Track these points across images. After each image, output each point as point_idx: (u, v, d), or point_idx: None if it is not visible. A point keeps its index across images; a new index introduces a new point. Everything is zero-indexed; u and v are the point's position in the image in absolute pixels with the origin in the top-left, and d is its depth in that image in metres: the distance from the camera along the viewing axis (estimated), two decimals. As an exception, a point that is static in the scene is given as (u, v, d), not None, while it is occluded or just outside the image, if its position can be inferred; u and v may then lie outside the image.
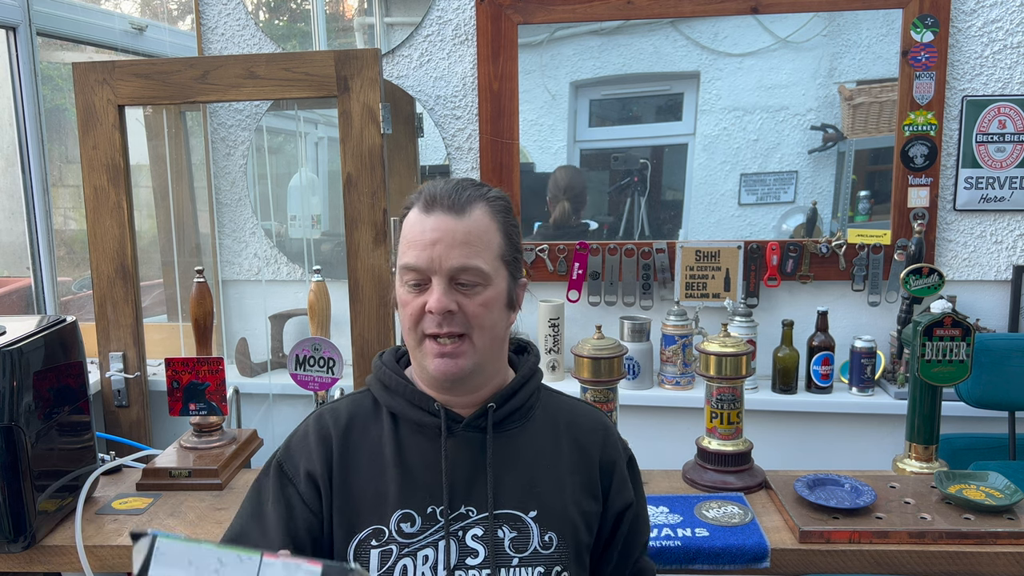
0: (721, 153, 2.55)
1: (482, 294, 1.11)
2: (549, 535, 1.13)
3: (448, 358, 1.10)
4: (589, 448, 1.21)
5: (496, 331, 1.15)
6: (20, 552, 1.53)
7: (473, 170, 2.53)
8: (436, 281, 1.09)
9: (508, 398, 1.18)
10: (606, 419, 1.28)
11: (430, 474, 1.13)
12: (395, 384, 1.18)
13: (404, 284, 1.12)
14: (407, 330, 1.13)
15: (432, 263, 1.09)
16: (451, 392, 1.16)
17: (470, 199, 1.12)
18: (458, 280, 1.10)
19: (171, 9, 2.99)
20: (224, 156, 2.63)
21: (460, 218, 1.11)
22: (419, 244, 1.10)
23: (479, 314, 1.11)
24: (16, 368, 1.48)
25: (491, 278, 1.12)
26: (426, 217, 1.11)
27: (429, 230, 1.10)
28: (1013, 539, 1.46)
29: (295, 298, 2.67)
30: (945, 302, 1.74)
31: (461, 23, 2.46)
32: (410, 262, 1.10)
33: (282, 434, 2.32)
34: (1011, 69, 2.32)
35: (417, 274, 1.10)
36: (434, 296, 1.09)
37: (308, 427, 1.21)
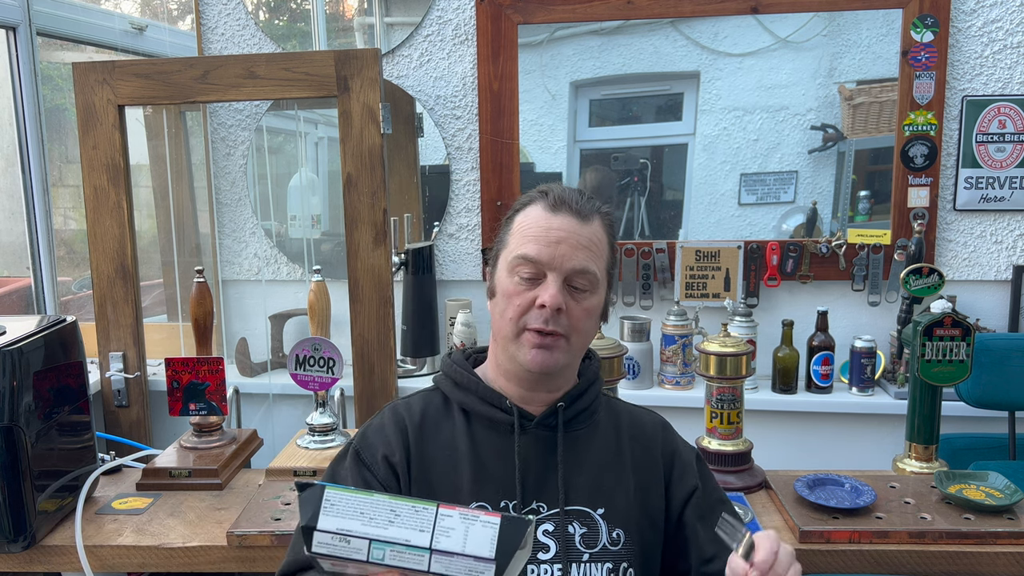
0: (721, 153, 2.55)
1: (588, 300, 1.15)
2: (617, 532, 1.16)
3: (545, 350, 1.13)
4: (650, 447, 1.25)
5: (588, 337, 1.20)
6: (20, 552, 1.53)
7: (473, 170, 2.53)
8: (552, 277, 1.13)
9: (576, 399, 1.21)
10: (665, 420, 1.32)
11: (503, 469, 1.16)
12: (467, 381, 1.21)
13: (514, 275, 1.15)
14: (508, 320, 1.15)
15: (554, 259, 1.12)
16: (530, 388, 1.19)
17: (592, 209, 1.17)
18: (572, 282, 1.14)
19: (171, 9, 2.99)
20: (224, 156, 2.63)
21: (584, 224, 1.16)
22: (543, 239, 1.13)
23: (582, 318, 1.15)
24: (16, 368, 1.48)
25: (599, 286, 1.17)
26: (552, 215, 1.15)
27: (555, 228, 1.14)
28: (1013, 539, 1.46)
29: (295, 298, 2.67)
30: (945, 302, 1.74)
31: (461, 23, 2.46)
32: (531, 254, 1.13)
33: (282, 434, 2.34)
34: (1011, 69, 2.32)
35: (534, 267, 1.13)
36: (550, 291, 1.12)
37: (384, 418, 1.23)
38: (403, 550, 0.83)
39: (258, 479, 1.82)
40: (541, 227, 1.15)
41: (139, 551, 1.54)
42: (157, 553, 1.53)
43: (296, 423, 2.46)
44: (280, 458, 1.85)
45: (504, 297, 1.16)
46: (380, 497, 0.85)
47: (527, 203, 1.20)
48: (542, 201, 1.17)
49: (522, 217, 1.18)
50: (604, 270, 1.18)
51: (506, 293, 1.16)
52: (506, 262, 1.17)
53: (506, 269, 1.17)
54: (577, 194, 1.18)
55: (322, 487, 0.86)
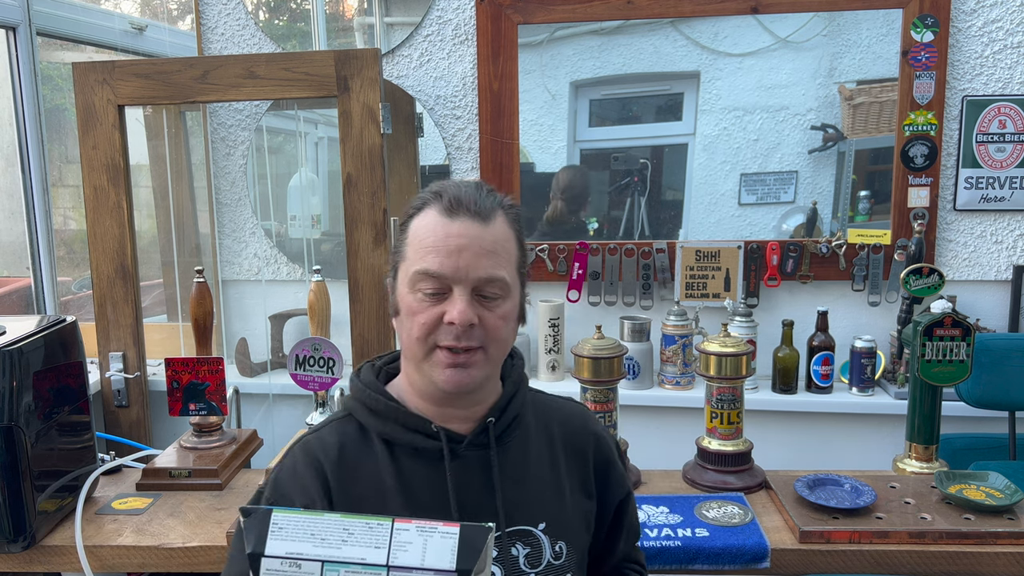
0: (721, 153, 2.55)
1: (502, 306, 1.05)
2: (559, 545, 1.11)
3: (461, 368, 1.03)
4: (583, 448, 1.19)
5: (508, 344, 1.10)
6: (20, 552, 1.53)
7: (473, 170, 2.53)
8: (459, 291, 1.02)
9: (504, 410, 1.12)
10: (590, 414, 1.27)
11: (436, 499, 1.06)
12: (384, 408, 1.09)
13: (416, 291, 1.04)
14: (415, 339, 1.05)
15: (458, 272, 1.02)
16: (452, 406, 1.09)
17: (492, 206, 1.06)
18: (482, 291, 1.03)
19: (171, 9, 2.99)
20: (224, 156, 2.63)
21: (486, 226, 1.04)
22: (442, 250, 1.02)
23: (498, 327, 1.05)
24: (16, 368, 1.48)
25: (512, 290, 1.07)
26: (450, 221, 1.03)
27: (455, 235, 1.02)
28: (1013, 539, 1.46)
29: (295, 298, 2.67)
30: (945, 302, 1.74)
31: (461, 23, 2.46)
32: (431, 268, 1.02)
33: (282, 434, 2.33)
34: (1011, 69, 2.32)
35: (437, 282, 1.02)
36: (457, 307, 1.01)
37: (296, 459, 1.09)
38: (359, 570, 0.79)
39: (258, 479, 1.82)
40: (439, 236, 1.02)
41: (139, 551, 1.54)
42: (157, 553, 1.53)
43: (296, 423, 2.46)
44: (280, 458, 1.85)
45: (408, 315, 1.05)
46: (332, 516, 0.81)
47: (420, 207, 1.07)
48: (436, 204, 1.05)
49: (417, 224, 1.06)
50: (515, 271, 1.07)
51: (410, 311, 1.04)
52: (406, 277, 1.05)
53: (407, 285, 1.05)
54: (474, 191, 1.06)
55: (268, 510, 0.81)
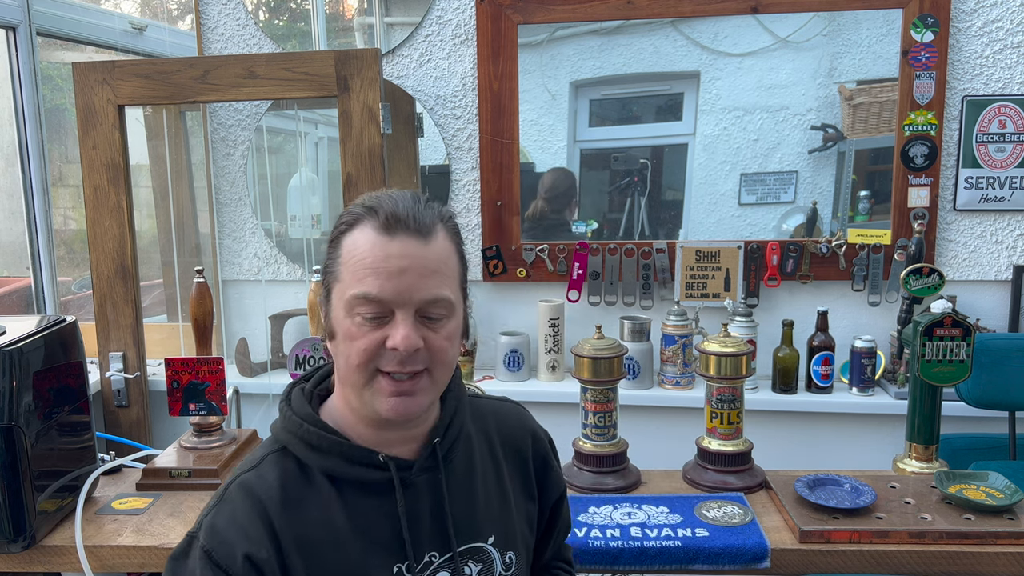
0: (721, 153, 2.55)
1: (447, 326, 0.99)
2: (509, 555, 1.10)
3: (406, 396, 0.98)
4: (522, 449, 1.17)
5: (452, 365, 1.04)
6: (20, 552, 1.53)
7: (473, 170, 2.53)
8: (402, 315, 0.95)
9: (448, 426, 1.07)
10: (527, 414, 1.23)
11: (388, 530, 1.01)
12: (325, 443, 1.01)
13: (354, 315, 0.96)
14: (354, 367, 0.97)
15: (400, 295, 0.95)
16: (395, 429, 1.03)
17: (432, 220, 0.99)
18: (426, 313, 0.97)
19: (171, 9, 2.99)
20: (224, 156, 2.63)
21: (428, 243, 0.97)
22: (382, 272, 0.95)
23: (444, 348, 0.99)
24: (16, 368, 1.48)
25: (455, 308, 1.00)
26: (389, 240, 0.96)
27: (395, 255, 0.95)
28: (1013, 539, 1.46)
29: (295, 298, 2.67)
30: (945, 302, 1.74)
31: (461, 23, 2.46)
32: (371, 292, 0.95)
33: (282, 434, 2.33)
34: (1011, 69, 2.32)
35: (378, 306, 0.95)
36: (401, 332, 0.95)
37: (234, 503, 0.99)
38: None
39: (258, 479, 1.82)
40: (377, 257, 0.95)
41: (139, 551, 1.54)
42: (157, 553, 1.53)
43: (296, 423, 2.45)
44: (280, 458, 1.85)
45: (346, 340, 0.97)
46: None
47: (353, 223, 0.98)
48: (372, 220, 0.97)
49: (351, 242, 0.98)
50: (458, 288, 1.01)
51: (348, 335, 0.97)
52: (341, 300, 0.97)
53: (343, 309, 0.97)
54: (411, 204, 0.98)
55: None
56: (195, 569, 0.96)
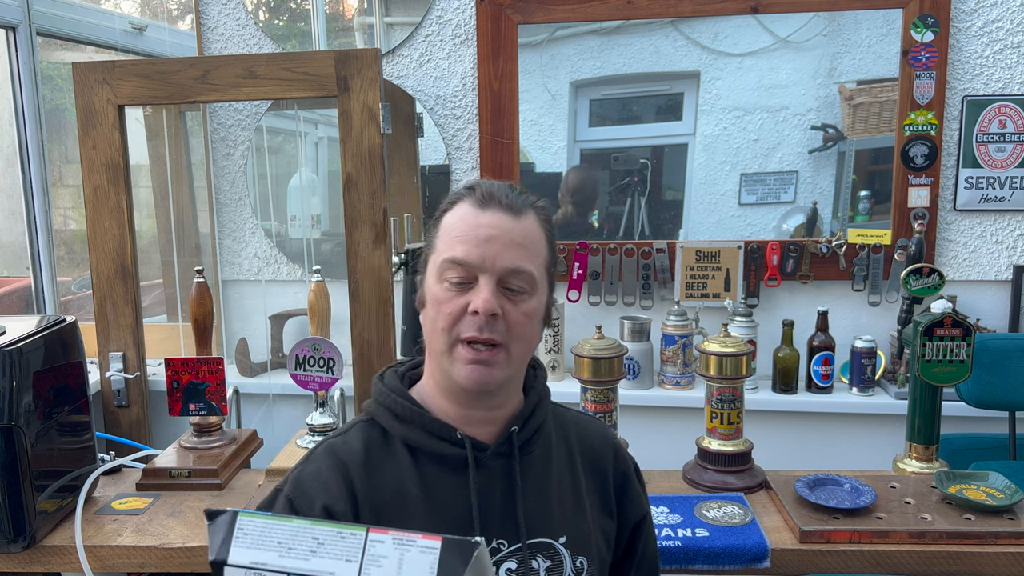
0: (721, 153, 2.55)
1: (527, 303, 1.04)
2: (580, 560, 1.09)
3: (482, 366, 1.01)
4: (603, 465, 1.17)
5: (531, 345, 1.08)
6: (20, 552, 1.53)
7: (473, 170, 2.53)
8: (484, 280, 1.01)
9: (527, 419, 1.11)
10: (611, 432, 1.25)
11: (458, 508, 1.04)
12: (408, 413, 1.08)
13: (443, 281, 1.04)
14: (439, 331, 1.04)
15: (484, 260, 1.01)
16: (475, 407, 1.07)
17: (524, 203, 1.07)
18: (507, 284, 1.02)
19: (171, 9, 2.99)
20: (224, 156, 2.63)
21: (517, 219, 1.04)
22: (471, 239, 1.02)
23: (521, 323, 1.03)
24: (16, 368, 1.48)
25: (538, 287, 1.05)
26: (480, 212, 1.04)
27: (484, 225, 1.03)
28: (1013, 539, 1.46)
29: (295, 298, 2.67)
30: (945, 302, 1.74)
31: (461, 23, 2.46)
32: (458, 256, 1.02)
33: (282, 434, 2.33)
34: (1011, 69, 2.32)
35: (464, 271, 1.02)
36: (482, 296, 1.00)
37: (319, 462, 1.07)
38: None
39: (258, 479, 1.82)
40: (469, 225, 1.03)
41: (139, 551, 1.54)
42: (157, 553, 1.53)
43: (296, 423, 2.45)
44: (280, 458, 1.85)
45: (434, 305, 1.05)
46: (301, 523, 0.75)
47: (454, 202, 1.08)
48: (469, 198, 1.06)
49: (449, 217, 1.07)
50: (542, 269, 1.06)
51: (436, 301, 1.04)
52: (435, 267, 1.06)
53: (434, 275, 1.05)
54: (507, 188, 1.07)
55: (234, 513, 0.76)
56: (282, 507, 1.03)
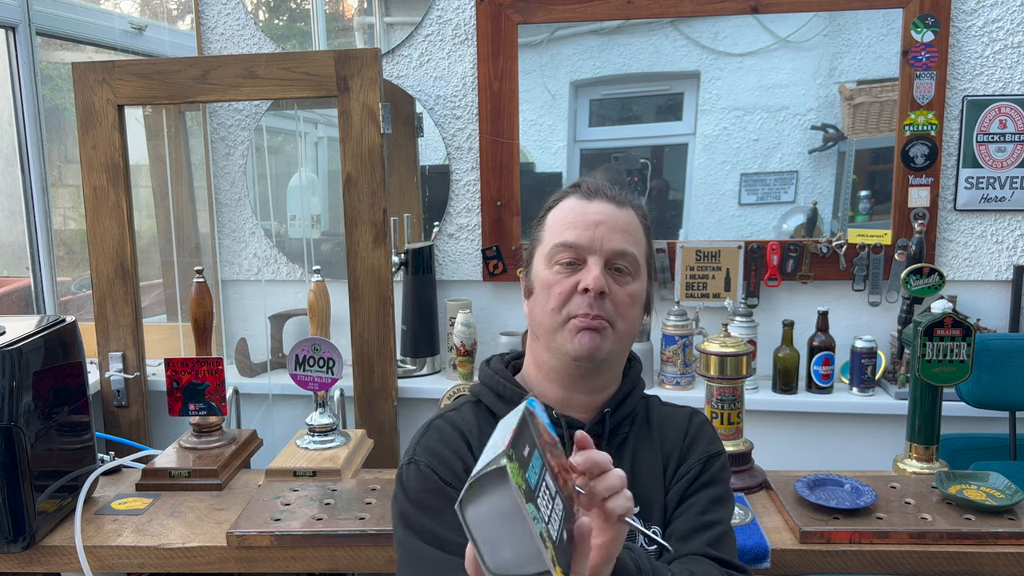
0: (721, 153, 2.55)
1: (631, 284, 1.13)
2: (654, 528, 1.15)
3: (593, 332, 1.09)
4: (677, 432, 1.22)
5: (634, 328, 1.16)
6: (19, 552, 1.53)
7: (473, 170, 2.53)
8: (593, 261, 1.11)
9: (620, 403, 1.19)
10: (694, 409, 1.28)
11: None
12: (511, 394, 1.16)
13: (554, 264, 1.13)
14: (548, 312, 1.12)
15: (594, 242, 1.11)
16: (575, 387, 1.15)
17: (626, 198, 1.18)
18: (614, 264, 1.12)
19: (171, 9, 2.99)
20: (224, 156, 2.63)
21: (621, 209, 1.15)
22: (581, 224, 1.12)
23: (626, 303, 1.12)
24: (16, 368, 1.48)
25: (640, 271, 1.15)
26: (588, 203, 1.15)
27: (592, 212, 1.13)
28: (1014, 539, 1.46)
29: (295, 298, 2.67)
30: (946, 302, 1.74)
31: (461, 23, 2.46)
32: (569, 239, 1.12)
33: (282, 434, 2.33)
34: (1012, 69, 2.32)
35: (574, 252, 1.12)
36: (592, 274, 1.10)
37: (441, 431, 1.14)
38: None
39: (258, 479, 1.82)
40: (577, 213, 1.14)
41: (138, 551, 1.54)
42: (157, 553, 1.53)
43: (296, 423, 2.45)
44: (280, 458, 1.85)
45: (544, 289, 1.14)
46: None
47: (560, 199, 1.19)
48: (575, 193, 1.18)
49: (555, 212, 1.18)
50: (644, 257, 1.17)
51: (545, 284, 1.13)
52: (543, 255, 1.16)
53: (543, 262, 1.15)
54: (610, 184, 1.19)
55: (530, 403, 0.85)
56: (425, 476, 1.09)
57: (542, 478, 0.76)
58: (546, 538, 0.70)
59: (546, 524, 0.71)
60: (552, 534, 0.72)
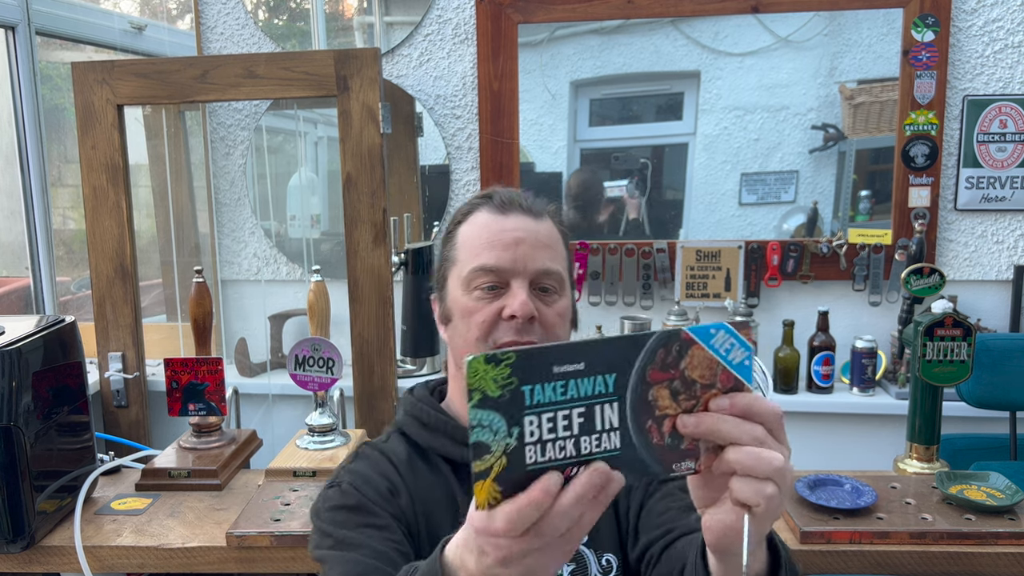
0: (722, 153, 2.55)
1: (559, 302, 1.05)
2: (607, 558, 1.07)
3: None
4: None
5: None
6: (19, 553, 1.53)
7: (473, 170, 2.52)
8: (517, 284, 1.01)
9: None
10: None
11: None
12: (435, 422, 1.08)
13: (473, 290, 1.03)
14: (472, 342, 1.02)
15: (516, 263, 1.01)
16: None
17: (541, 207, 1.08)
18: (540, 284, 1.03)
19: (170, 8, 2.99)
20: (223, 156, 2.62)
21: (539, 221, 1.06)
22: (499, 243, 1.02)
23: (556, 324, 1.04)
24: (15, 368, 1.48)
25: (566, 285, 1.06)
26: (503, 217, 1.04)
27: (510, 229, 1.03)
28: (1014, 539, 1.46)
29: (294, 298, 2.66)
30: (946, 302, 1.73)
31: (461, 22, 2.46)
32: (488, 263, 1.02)
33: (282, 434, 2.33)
34: (1012, 68, 2.32)
35: (495, 276, 1.02)
36: (518, 299, 1.00)
37: (369, 458, 1.07)
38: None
39: (257, 479, 1.82)
40: (493, 231, 1.03)
41: (138, 551, 1.54)
42: (156, 554, 1.53)
43: (296, 423, 2.45)
44: (279, 459, 1.84)
45: (463, 317, 1.03)
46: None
47: (469, 212, 1.08)
48: (487, 205, 1.06)
49: (467, 228, 1.07)
50: (566, 270, 1.07)
51: (465, 312, 1.03)
52: (459, 279, 1.04)
53: (460, 287, 1.04)
54: (522, 193, 1.08)
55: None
56: (346, 493, 1.02)
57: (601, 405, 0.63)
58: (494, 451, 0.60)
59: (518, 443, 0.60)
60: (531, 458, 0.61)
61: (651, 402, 0.65)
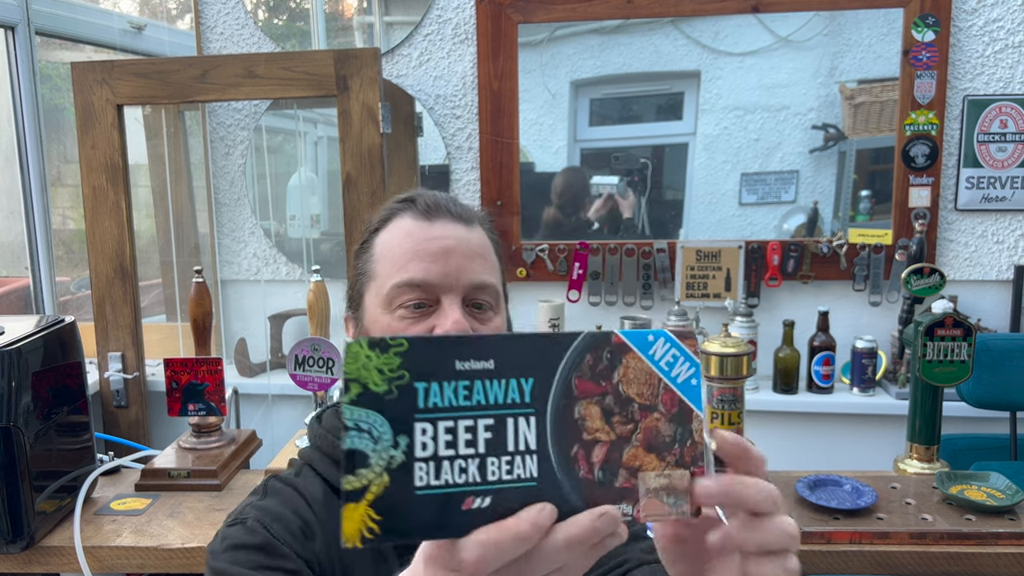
0: (722, 152, 2.55)
1: (495, 319, 0.92)
2: None
3: None
4: None
5: None
6: (18, 553, 1.53)
7: (473, 170, 2.52)
8: (449, 301, 0.87)
9: None
10: None
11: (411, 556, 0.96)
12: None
13: (396, 308, 0.89)
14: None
15: (447, 277, 0.87)
16: None
17: (470, 212, 0.94)
18: (474, 300, 0.90)
19: (170, 8, 2.98)
20: (223, 156, 2.62)
21: (470, 229, 0.92)
22: (425, 254, 0.88)
23: None
24: (15, 368, 1.48)
25: (501, 299, 0.94)
26: (429, 224, 0.90)
27: (438, 238, 0.89)
28: (1014, 540, 1.45)
29: (294, 298, 2.66)
30: (946, 302, 1.73)
31: (461, 22, 2.46)
32: (415, 277, 0.87)
33: (282, 435, 2.33)
34: (1012, 68, 2.31)
35: (422, 292, 0.88)
36: (450, 318, 0.86)
37: (280, 494, 0.94)
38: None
39: (257, 480, 1.81)
40: (418, 239, 0.88)
41: (138, 552, 1.54)
42: (156, 554, 1.53)
43: (295, 423, 2.45)
44: (279, 459, 1.84)
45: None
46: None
47: (388, 218, 0.93)
48: (410, 210, 0.92)
49: (387, 236, 0.92)
50: (500, 284, 0.95)
51: (387, 333, 0.89)
52: (380, 296, 0.90)
53: (381, 304, 0.89)
54: (448, 196, 0.95)
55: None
56: (251, 530, 0.89)
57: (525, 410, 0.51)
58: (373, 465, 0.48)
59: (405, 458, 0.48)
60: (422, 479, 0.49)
61: (578, 421, 0.53)
